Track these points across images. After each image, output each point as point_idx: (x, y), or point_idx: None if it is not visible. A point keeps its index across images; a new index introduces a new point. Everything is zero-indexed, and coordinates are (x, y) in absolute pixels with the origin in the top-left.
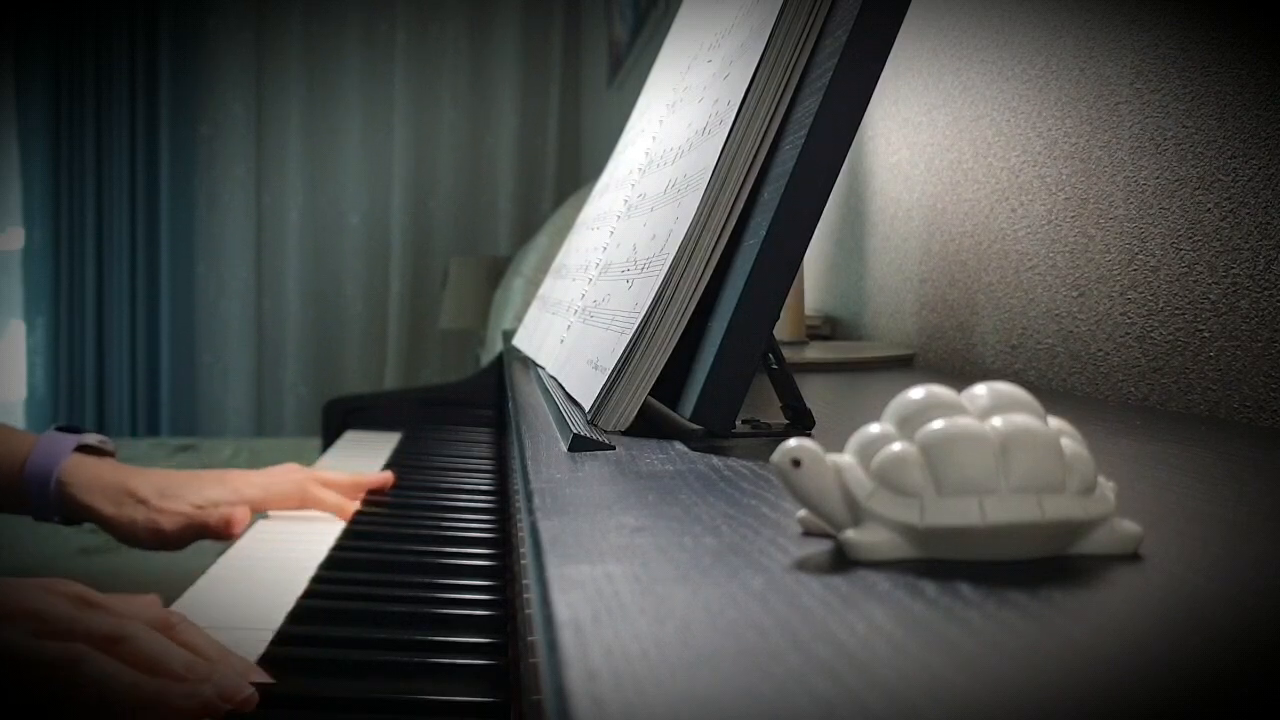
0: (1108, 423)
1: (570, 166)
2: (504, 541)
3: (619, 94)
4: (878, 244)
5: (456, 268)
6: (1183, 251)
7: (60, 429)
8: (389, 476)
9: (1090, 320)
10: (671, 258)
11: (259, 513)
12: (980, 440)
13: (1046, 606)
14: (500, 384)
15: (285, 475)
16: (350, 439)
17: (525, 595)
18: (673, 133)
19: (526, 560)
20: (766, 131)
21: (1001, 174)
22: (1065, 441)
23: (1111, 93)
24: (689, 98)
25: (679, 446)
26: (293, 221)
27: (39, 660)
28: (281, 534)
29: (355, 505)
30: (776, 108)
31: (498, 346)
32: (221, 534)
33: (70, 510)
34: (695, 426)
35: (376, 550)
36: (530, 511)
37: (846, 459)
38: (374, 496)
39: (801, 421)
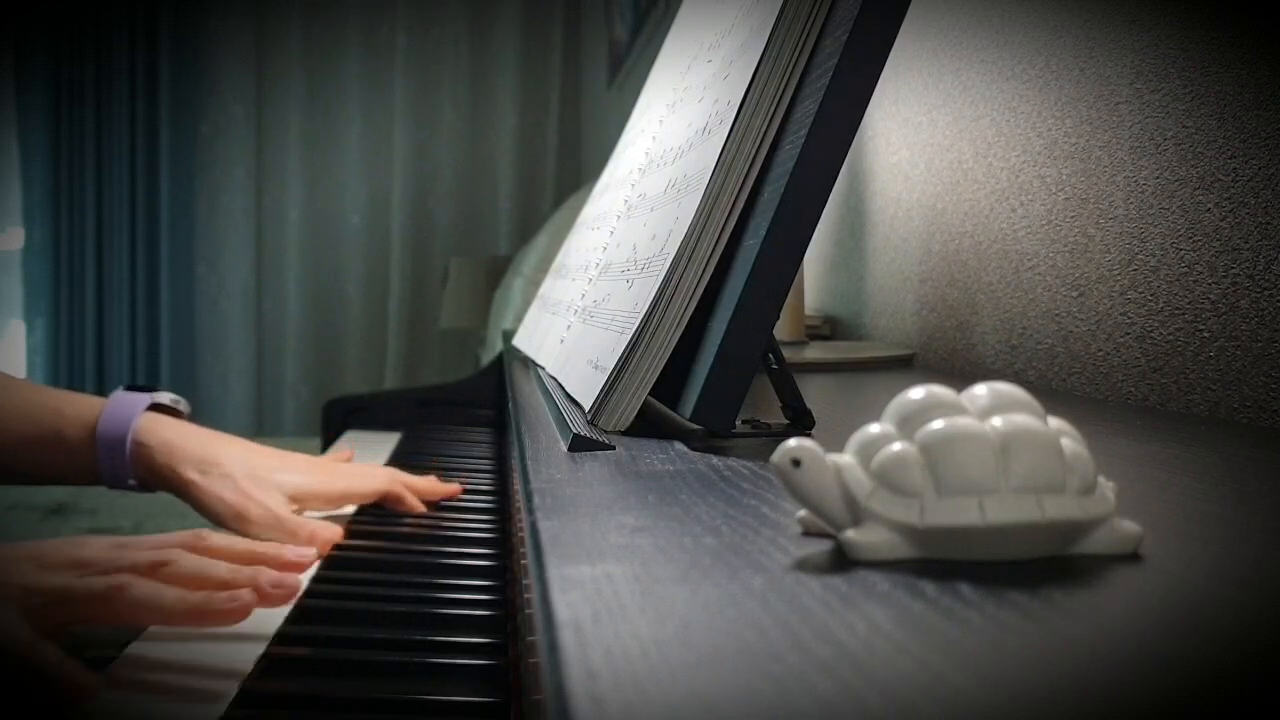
0: (1108, 423)
1: (570, 166)
2: (504, 541)
3: (619, 94)
4: (878, 244)
5: (456, 268)
6: (1183, 251)
7: (129, 388)
8: (457, 488)
9: (1090, 320)
10: (671, 258)
11: (344, 506)
12: (980, 440)
13: (1046, 606)
14: (500, 384)
15: (375, 471)
16: (350, 439)
17: (525, 595)
18: (673, 133)
19: (526, 560)
20: (766, 131)
21: (1001, 174)
22: (1065, 441)
23: (1111, 93)
24: (689, 98)
25: (679, 446)
26: (293, 221)
27: (87, 593)
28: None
29: (429, 500)
30: (776, 108)
31: (498, 346)
32: (305, 545)
33: (149, 474)
34: (695, 426)
35: (376, 550)
36: (530, 511)
37: (846, 459)
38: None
39: (801, 421)
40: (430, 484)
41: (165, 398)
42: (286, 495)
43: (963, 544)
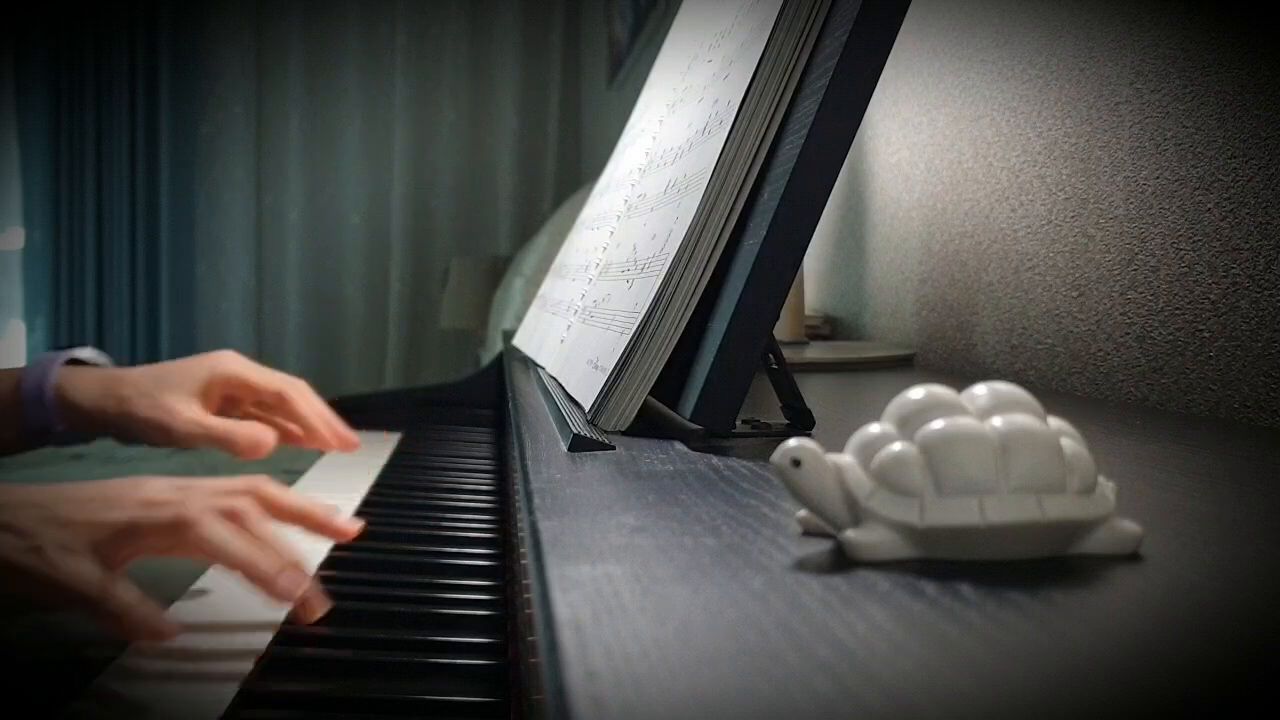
0: (1108, 423)
1: (570, 166)
2: (504, 541)
3: (619, 94)
4: (878, 244)
5: (456, 268)
6: (1183, 251)
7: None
8: (355, 441)
9: (1090, 320)
10: (671, 258)
11: (245, 399)
12: (980, 440)
13: (1046, 606)
14: (500, 384)
15: (272, 372)
16: None
17: (525, 595)
18: (673, 133)
19: (526, 560)
20: (766, 131)
21: (1001, 174)
22: (1065, 441)
23: (1111, 93)
24: (689, 98)
25: (679, 446)
26: (293, 221)
27: (153, 525)
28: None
29: (325, 431)
30: (776, 108)
31: (498, 346)
32: (246, 456)
33: (71, 417)
34: (695, 426)
35: (376, 550)
36: (530, 511)
37: (846, 459)
38: (369, 505)
39: (801, 421)
40: (326, 414)
41: (84, 352)
42: (199, 391)
43: (963, 544)
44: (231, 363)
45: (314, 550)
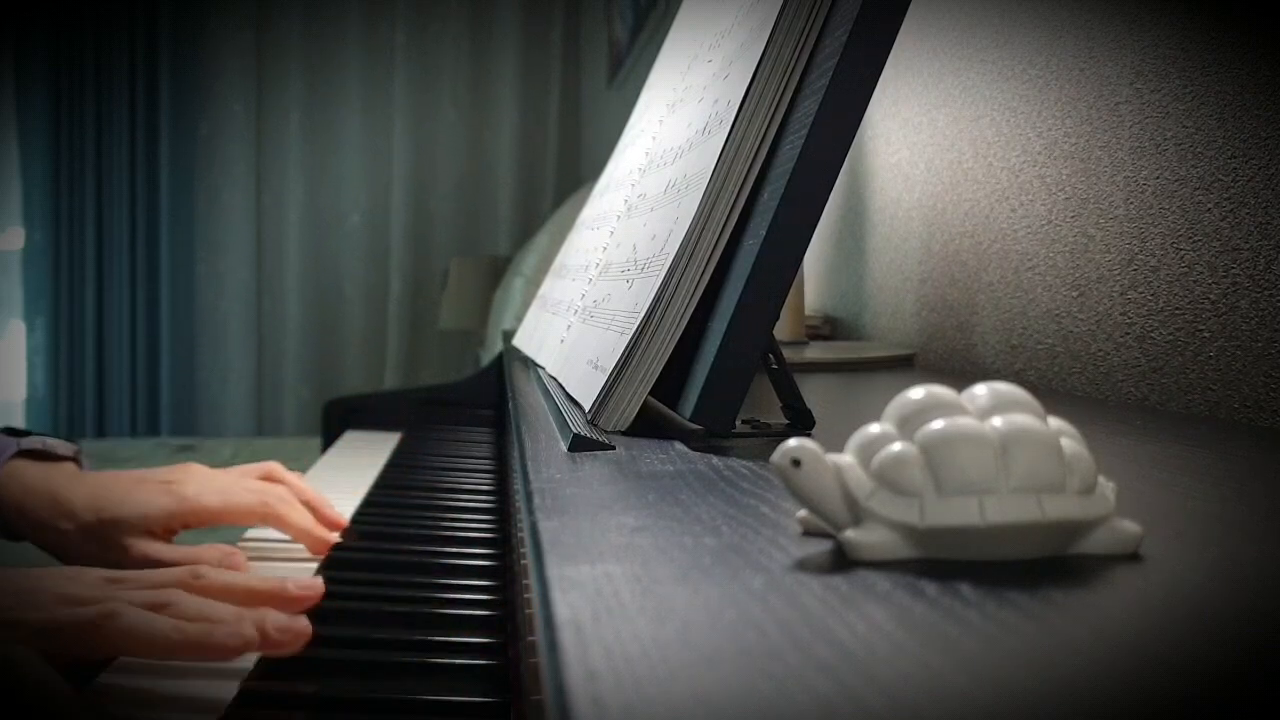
0: (1108, 423)
1: (570, 166)
2: (504, 541)
3: (619, 94)
4: (878, 244)
5: (456, 268)
6: (1183, 251)
7: (7, 431)
8: (343, 521)
9: (1090, 320)
10: (671, 258)
11: (219, 525)
12: (980, 440)
13: (1046, 606)
14: (500, 384)
15: (247, 485)
16: (350, 439)
17: (525, 595)
18: (673, 133)
19: (526, 560)
20: (766, 131)
21: (1001, 174)
22: (1065, 441)
23: (1111, 93)
24: (689, 98)
25: (679, 446)
26: (293, 221)
27: (74, 624)
28: (280, 534)
29: (323, 532)
30: (776, 108)
31: (498, 346)
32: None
33: (5, 525)
34: (695, 426)
35: (376, 550)
36: (530, 511)
37: (846, 459)
38: (369, 505)
39: (801, 421)
40: (321, 508)
41: (36, 442)
42: (150, 530)
43: (963, 544)
44: (196, 495)
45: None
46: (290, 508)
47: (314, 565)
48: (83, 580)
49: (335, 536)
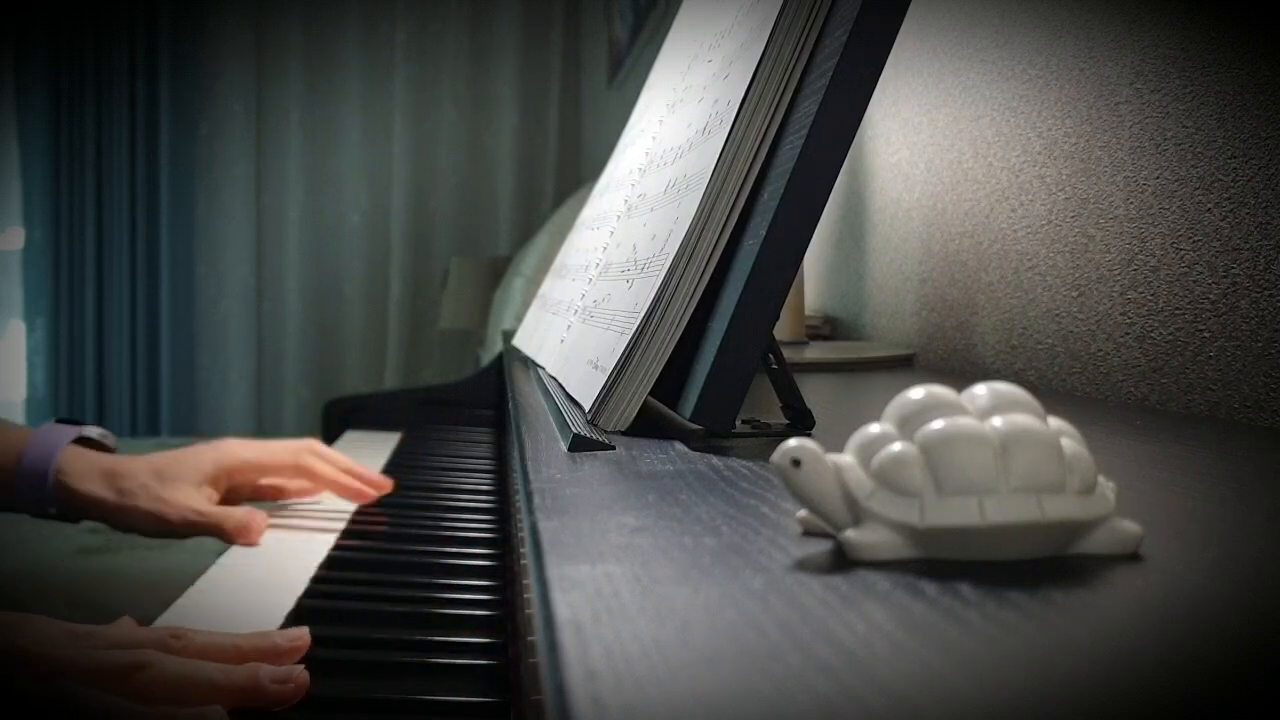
0: (1108, 423)
1: (570, 166)
2: (504, 541)
3: (619, 94)
4: (878, 244)
5: (456, 268)
6: (1183, 251)
7: (60, 421)
8: (388, 483)
9: (1090, 320)
10: (671, 258)
11: (256, 480)
12: (980, 440)
13: (1046, 606)
14: (500, 384)
15: (283, 444)
16: (350, 439)
17: (525, 595)
18: (673, 133)
19: (526, 560)
20: (766, 131)
21: (1001, 174)
22: (1065, 441)
23: (1111, 93)
24: (689, 97)
25: (679, 446)
26: (293, 221)
27: (36, 700)
28: (281, 535)
29: (352, 483)
30: (776, 108)
31: (498, 346)
32: (236, 541)
33: (67, 502)
34: (695, 426)
35: (376, 550)
36: (530, 511)
37: (846, 459)
38: (369, 505)
39: (801, 421)
40: (350, 463)
41: (93, 431)
42: (204, 481)
43: (963, 544)
44: (237, 449)
45: (312, 552)
46: (319, 460)
47: (333, 533)
48: (45, 632)
49: (371, 491)
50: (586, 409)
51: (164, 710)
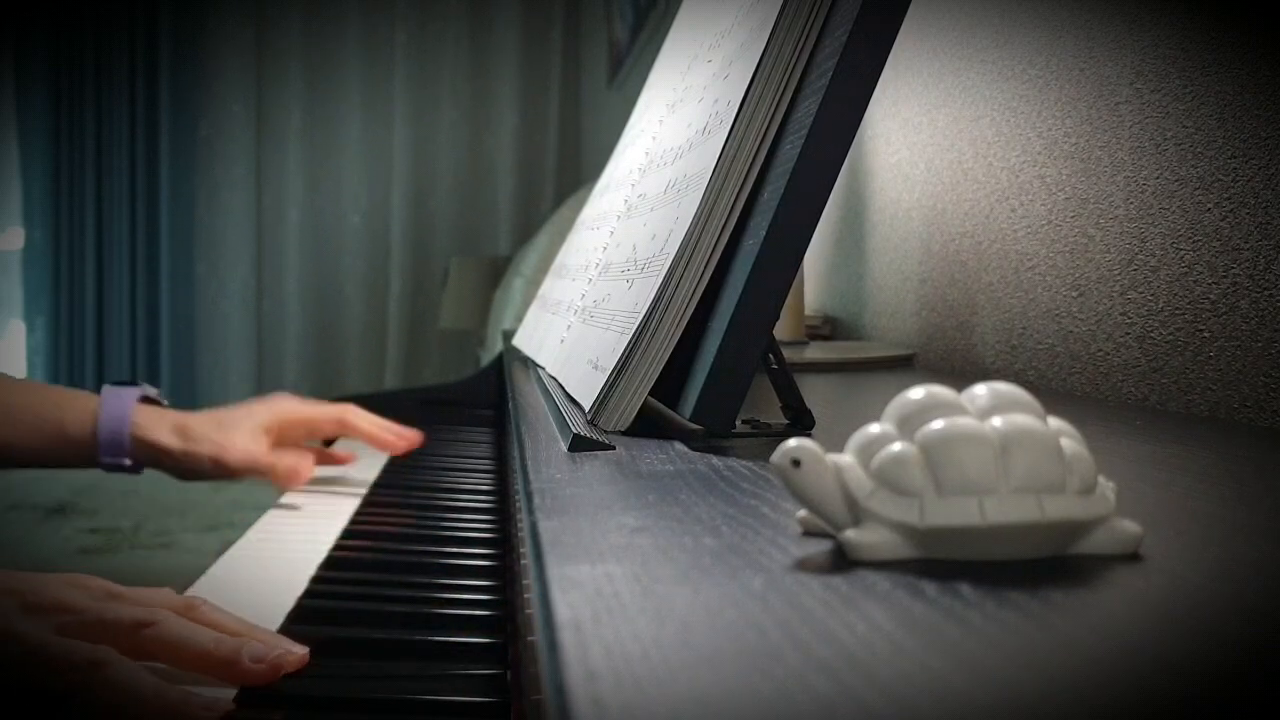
0: (1108, 423)
1: (570, 166)
2: (504, 541)
3: (619, 94)
4: (878, 244)
5: (456, 268)
6: (1183, 251)
7: (116, 384)
8: (418, 436)
9: (1090, 320)
10: (671, 258)
11: (303, 433)
12: (980, 440)
13: (1046, 606)
14: (500, 384)
15: (326, 403)
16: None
17: (525, 595)
18: (673, 133)
19: (526, 560)
20: (766, 131)
21: (1001, 174)
22: (1065, 441)
23: (1111, 93)
24: (689, 98)
25: (679, 446)
26: (293, 221)
27: (63, 658)
28: (281, 533)
29: (386, 435)
30: (776, 108)
31: (498, 346)
32: (285, 484)
33: (141, 452)
34: (695, 426)
35: (376, 550)
36: (530, 511)
37: (846, 459)
38: (369, 506)
39: (801, 421)
40: (385, 422)
41: (151, 391)
42: (260, 431)
43: (963, 544)
44: (289, 404)
45: (312, 551)
46: (360, 416)
47: (322, 551)
48: (88, 588)
49: (403, 444)
50: (586, 409)
51: (184, 691)
